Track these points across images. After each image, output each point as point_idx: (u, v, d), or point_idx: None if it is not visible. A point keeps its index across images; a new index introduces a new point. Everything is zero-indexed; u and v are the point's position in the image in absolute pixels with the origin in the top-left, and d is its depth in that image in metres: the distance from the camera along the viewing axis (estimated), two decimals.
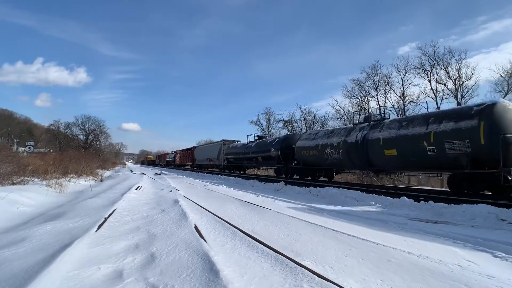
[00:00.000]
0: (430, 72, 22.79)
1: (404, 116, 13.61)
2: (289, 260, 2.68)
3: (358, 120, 12.07)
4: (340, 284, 2.18)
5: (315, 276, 2.32)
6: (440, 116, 8.32)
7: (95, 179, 13.59)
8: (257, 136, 22.18)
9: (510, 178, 7.03)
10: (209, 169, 31.17)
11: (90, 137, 46.45)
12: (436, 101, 22.49)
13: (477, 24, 53.27)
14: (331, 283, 2.18)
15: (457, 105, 20.51)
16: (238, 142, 24.49)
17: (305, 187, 9.60)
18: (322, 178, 14.61)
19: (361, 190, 8.04)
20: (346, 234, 3.71)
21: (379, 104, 25.87)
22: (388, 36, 75.55)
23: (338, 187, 9.20)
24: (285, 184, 10.79)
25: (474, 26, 51.77)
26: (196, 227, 3.85)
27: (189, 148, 41.39)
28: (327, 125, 31.04)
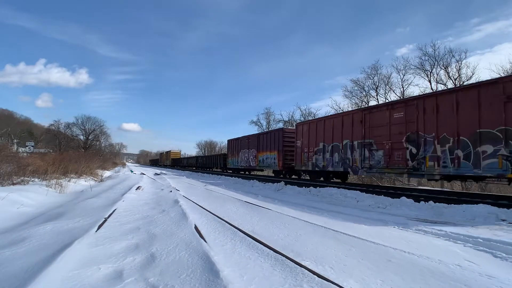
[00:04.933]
0: (430, 72, 22.78)
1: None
2: (289, 260, 2.69)
3: None
4: (340, 284, 2.18)
5: (315, 276, 2.32)
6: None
7: (95, 179, 13.58)
8: None
9: None
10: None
11: (90, 137, 46.45)
12: None
13: (471, 26, 53.63)
14: (331, 283, 2.18)
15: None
16: None
17: (305, 187, 9.60)
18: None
19: (361, 190, 8.04)
20: (346, 234, 3.71)
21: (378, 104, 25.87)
22: (385, 38, 75.83)
23: (338, 187, 9.20)
24: (285, 184, 10.80)
25: (468, 28, 52.25)
26: (196, 227, 3.86)
27: None
28: None
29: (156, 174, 22.28)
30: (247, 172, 21.09)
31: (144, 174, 21.43)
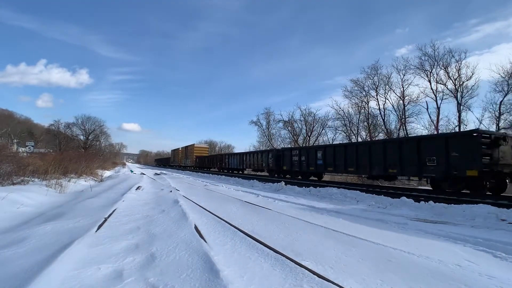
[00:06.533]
0: (430, 72, 22.75)
1: None
2: (289, 260, 2.69)
3: None
4: (340, 284, 2.18)
5: (315, 276, 2.32)
6: None
7: (95, 179, 13.58)
8: None
9: None
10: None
11: (90, 137, 46.36)
12: (436, 101, 22.36)
13: (470, 26, 53.70)
14: (331, 283, 2.18)
15: (457, 105, 20.60)
16: None
17: (305, 187, 9.60)
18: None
19: (361, 190, 8.04)
20: (346, 234, 3.71)
21: (379, 104, 25.88)
22: (384, 38, 75.91)
23: (338, 187, 9.21)
24: (285, 184, 10.79)
25: (467, 28, 52.36)
26: (196, 227, 3.85)
27: None
28: (327, 126, 30.97)
29: (156, 174, 22.13)
30: None
31: (144, 174, 21.42)
